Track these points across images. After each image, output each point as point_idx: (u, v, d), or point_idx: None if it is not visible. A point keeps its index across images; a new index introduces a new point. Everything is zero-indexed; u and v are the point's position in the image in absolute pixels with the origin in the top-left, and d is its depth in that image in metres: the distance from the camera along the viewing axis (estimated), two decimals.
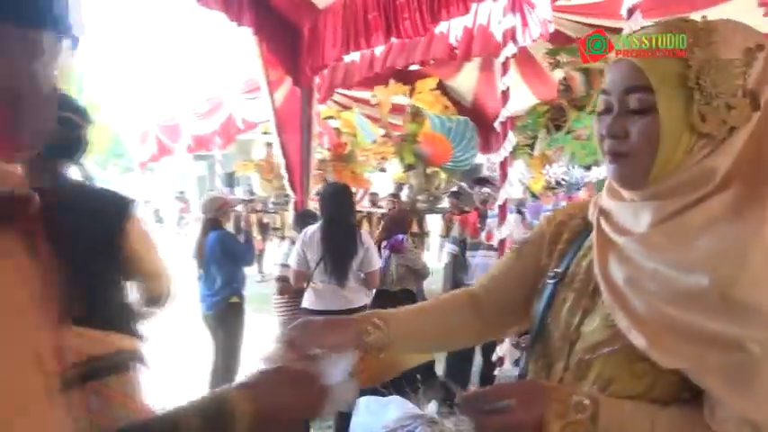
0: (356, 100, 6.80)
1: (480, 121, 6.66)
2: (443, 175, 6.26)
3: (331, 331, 0.96)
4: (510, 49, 3.41)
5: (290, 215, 5.00)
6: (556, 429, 0.78)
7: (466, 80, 6.40)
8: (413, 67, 4.82)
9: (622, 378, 0.82)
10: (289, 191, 4.72)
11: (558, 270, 0.96)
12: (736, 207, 0.78)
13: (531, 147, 5.37)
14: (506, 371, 3.42)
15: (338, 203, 3.44)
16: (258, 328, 4.40)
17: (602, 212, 0.92)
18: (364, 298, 3.48)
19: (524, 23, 3.44)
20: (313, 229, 3.47)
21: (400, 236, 3.81)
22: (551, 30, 3.53)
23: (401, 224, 3.93)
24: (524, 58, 5.17)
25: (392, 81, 5.72)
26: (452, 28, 3.94)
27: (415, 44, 4.02)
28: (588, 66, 4.88)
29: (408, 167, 6.15)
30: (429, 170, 6.19)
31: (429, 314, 1.10)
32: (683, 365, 0.77)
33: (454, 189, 6.33)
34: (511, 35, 3.40)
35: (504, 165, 3.53)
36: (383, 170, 7.32)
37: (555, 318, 0.93)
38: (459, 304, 1.10)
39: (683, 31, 0.79)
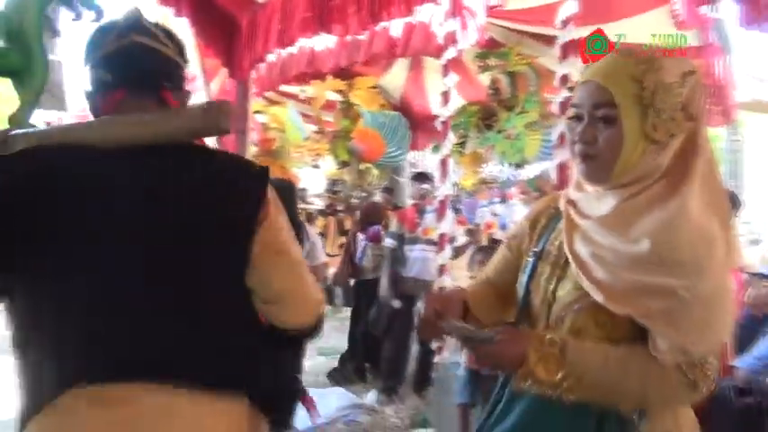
0: (285, 95, 6.81)
1: (408, 120, 6.88)
2: (376, 172, 6.41)
3: (452, 300, 1.28)
4: (451, 53, 3.59)
5: None
6: (533, 359, 1.06)
7: (394, 79, 6.56)
8: None
9: (588, 327, 1.10)
10: None
11: (537, 249, 1.22)
12: (668, 192, 1.05)
13: (462, 145, 5.62)
14: (445, 358, 3.62)
15: (282, 200, 3.49)
16: None
17: (570, 202, 1.19)
18: None
19: (464, 28, 3.64)
20: None
21: (376, 226, 3.93)
22: (486, 36, 3.75)
23: (376, 216, 4.05)
24: (452, 60, 5.42)
25: (329, 77, 5.80)
26: (393, 24, 4.04)
27: (357, 42, 4.12)
28: (514, 69, 5.14)
29: (342, 164, 6.25)
30: (362, 166, 6.34)
31: (481, 293, 1.37)
32: (632, 312, 1.04)
33: (386, 185, 6.52)
34: (451, 39, 3.59)
35: (444, 162, 3.70)
36: (316, 166, 7.39)
37: (535, 287, 1.20)
38: (486, 288, 1.37)
39: (638, 60, 1.06)
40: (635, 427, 1.07)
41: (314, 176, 7.76)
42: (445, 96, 3.74)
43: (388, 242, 4.39)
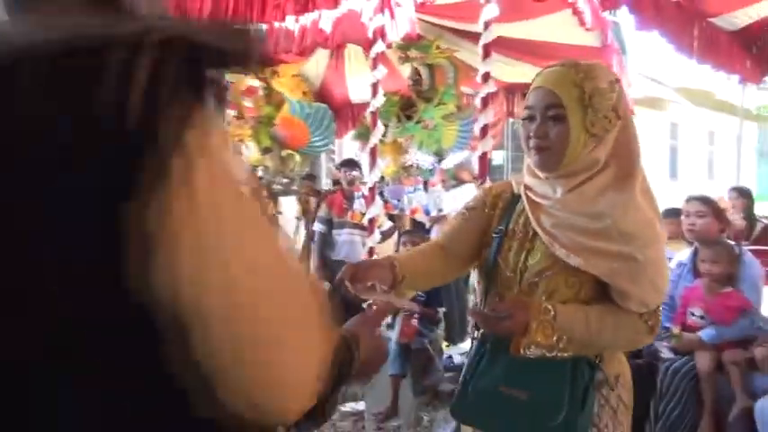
0: None
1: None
2: (298, 158, 6.54)
3: (375, 267, 1.39)
4: (380, 46, 3.83)
5: None
6: (534, 326, 1.29)
7: (315, 66, 6.68)
8: None
9: (560, 289, 1.36)
10: None
11: (501, 227, 1.46)
12: (616, 181, 1.34)
13: (383, 134, 5.87)
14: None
15: None
16: None
17: (527, 187, 1.45)
18: None
19: (393, 18, 3.88)
20: None
21: None
22: (417, 29, 4.00)
23: None
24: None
25: None
26: (324, 17, 4.19)
27: (290, 33, 4.24)
28: (433, 62, 5.39)
29: (265, 150, 6.33)
30: (284, 153, 6.44)
31: (420, 258, 1.53)
32: (601, 273, 1.32)
33: (308, 172, 6.65)
34: (380, 32, 3.82)
35: (373, 151, 3.93)
36: (238, 153, 7.40)
37: (504, 260, 1.43)
38: (435, 251, 1.55)
39: (577, 70, 1.33)
40: (599, 368, 1.36)
41: None
42: (374, 88, 3.97)
43: (318, 227, 4.59)
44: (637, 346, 1.52)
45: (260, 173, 6.22)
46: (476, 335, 1.47)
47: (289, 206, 7.89)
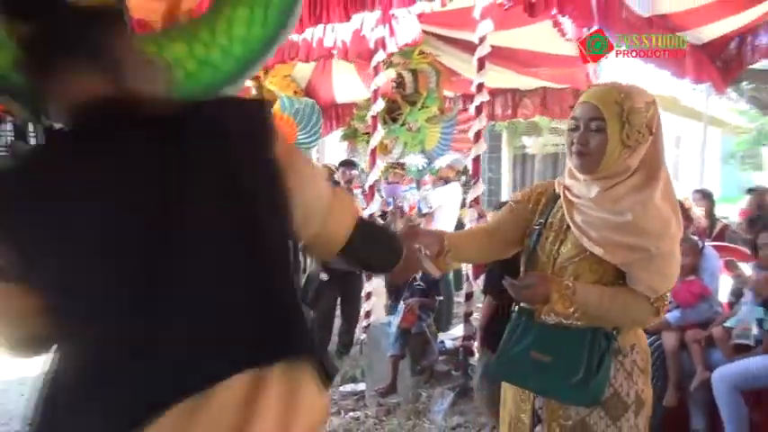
0: None
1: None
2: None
3: (427, 235, 1.78)
4: (380, 56, 4.23)
5: None
6: (555, 297, 1.61)
7: (302, 68, 6.91)
8: None
9: (585, 274, 1.65)
10: None
11: (542, 221, 1.77)
12: (640, 184, 1.61)
13: (369, 135, 6.19)
14: (378, 320, 4.30)
15: None
16: None
17: (566, 187, 1.74)
18: None
19: (392, 33, 4.27)
20: None
21: None
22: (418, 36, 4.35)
23: None
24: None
25: None
26: (329, 33, 4.53)
27: (293, 43, 4.57)
28: (416, 67, 5.70)
29: None
30: None
31: (467, 237, 1.94)
32: (619, 261, 1.60)
33: None
34: (381, 43, 4.21)
35: (373, 152, 4.31)
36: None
37: (541, 248, 1.74)
38: (481, 234, 1.93)
39: (619, 90, 1.60)
40: (614, 339, 1.63)
41: None
42: (375, 94, 4.35)
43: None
44: (644, 324, 1.73)
45: None
46: (514, 308, 1.80)
47: None
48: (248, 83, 6.82)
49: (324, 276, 4.77)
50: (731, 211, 8.76)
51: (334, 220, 1.12)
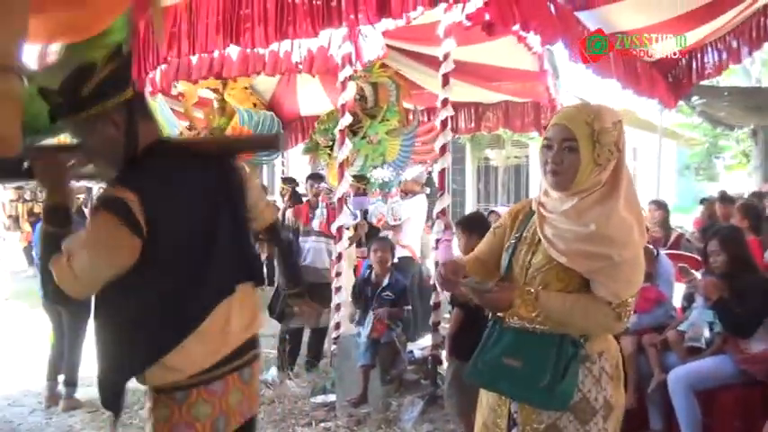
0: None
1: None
2: (247, 169, 6.89)
3: (459, 266, 1.91)
4: (347, 71, 4.37)
5: None
6: (518, 303, 1.72)
7: (266, 80, 6.89)
8: None
9: (552, 282, 1.76)
10: None
11: (518, 235, 1.89)
12: (603, 196, 1.72)
13: (331, 148, 6.26)
14: (347, 331, 4.41)
15: None
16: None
17: (540, 204, 1.84)
18: None
19: (357, 51, 4.42)
20: None
21: None
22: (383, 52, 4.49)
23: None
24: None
25: None
26: (296, 48, 4.63)
27: (259, 57, 4.66)
28: (376, 81, 5.75)
29: None
30: None
31: (472, 265, 2.00)
32: (583, 269, 1.71)
33: (260, 183, 7.03)
34: (348, 59, 4.36)
35: (341, 166, 4.44)
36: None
37: (516, 259, 1.86)
38: (475, 261, 2.02)
39: (589, 112, 1.72)
40: (581, 346, 1.71)
41: None
42: (342, 109, 4.48)
43: (284, 235, 5.07)
44: (608, 330, 1.79)
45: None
46: (489, 315, 1.91)
47: None
48: (207, 95, 6.86)
49: None
50: (686, 221, 9.17)
51: (265, 208, 2.07)
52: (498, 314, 1.83)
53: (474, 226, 3.37)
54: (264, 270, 8.44)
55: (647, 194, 9.91)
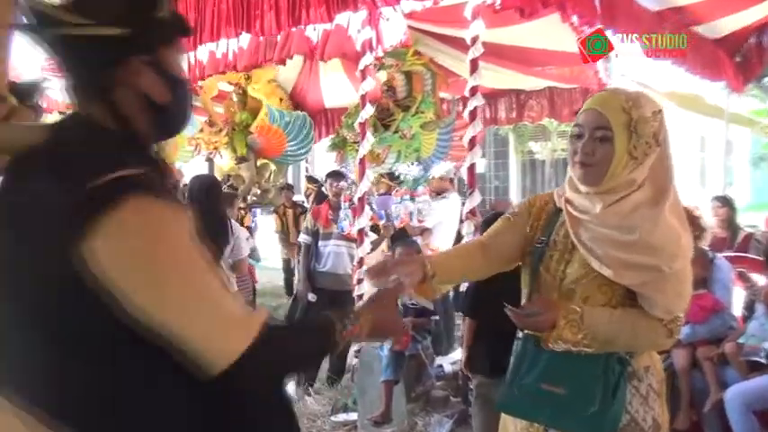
0: None
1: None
2: (273, 167, 6.96)
3: (403, 264, 1.80)
4: (368, 59, 4.36)
5: None
6: (562, 324, 1.64)
7: (287, 71, 6.79)
8: None
9: (594, 295, 1.68)
10: None
11: (544, 238, 1.79)
12: (649, 199, 1.65)
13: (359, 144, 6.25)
14: (370, 344, 4.39)
15: (208, 195, 4.10)
16: None
17: (567, 201, 1.76)
18: (233, 285, 4.20)
19: (378, 35, 4.41)
20: None
21: None
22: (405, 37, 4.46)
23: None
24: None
25: None
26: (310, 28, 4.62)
27: (271, 41, 4.69)
28: (409, 69, 5.67)
29: (240, 159, 6.72)
30: (259, 162, 6.86)
31: (455, 256, 1.99)
32: (630, 282, 1.64)
33: (285, 182, 7.08)
34: (368, 45, 4.35)
35: (362, 162, 4.43)
36: (209, 160, 7.75)
37: (545, 268, 1.77)
38: (475, 249, 1.94)
39: (627, 98, 1.65)
40: (629, 363, 1.67)
41: (205, 171, 8.10)
42: (363, 100, 4.47)
43: (304, 238, 5.10)
44: (657, 348, 1.77)
45: (233, 183, 6.61)
46: (519, 335, 1.83)
47: (264, 219, 8.32)
48: (226, 88, 6.92)
49: (312, 297, 4.89)
50: (762, 220, 8.85)
51: None
52: (539, 336, 1.76)
53: None
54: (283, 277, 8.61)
55: (716, 189, 9.62)
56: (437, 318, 4.37)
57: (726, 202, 5.61)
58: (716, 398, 3.20)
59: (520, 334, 1.83)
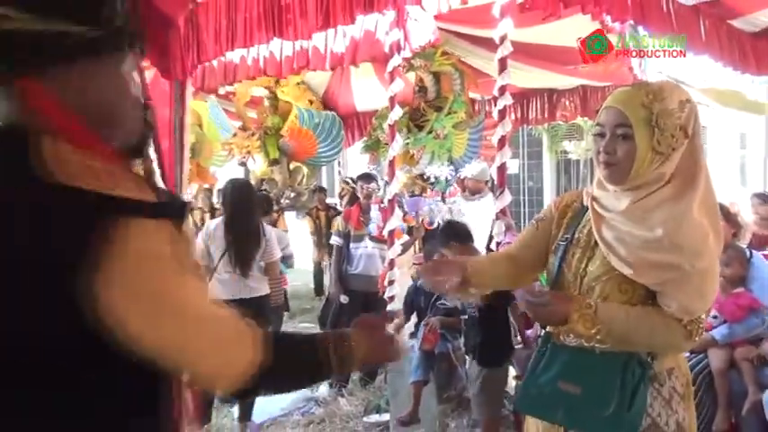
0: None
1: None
2: (306, 170, 7.02)
3: (450, 265, 1.83)
4: (396, 60, 4.35)
5: None
6: (575, 317, 1.60)
7: (319, 75, 6.81)
8: None
9: (614, 294, 1.64)
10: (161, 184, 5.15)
11: (567, 236, 1.77)
12: (675, 195, 1.60)
13: None
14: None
15: (241, 198, 4.15)
16: None
17: (594, 198, 1.74)
18: (266, 287, 4.23)
19: (406, 37, 4.40)
20: (216, 222, 4.15)
21: None
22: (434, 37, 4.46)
23: None
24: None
25: None
26: (339, 37, 4.68)
27: (302, 52, 4.73)
28: (438, 70, 5.67)
29: (273, 162, 6.80)
30: (292, 165, 6.93)
31: (489, 264, 1.98)
32: (650, 281, 1.59)
33: (318, 185, 7.12)
34: (397, 47, 4.34)
35: (392, 163, 4.42)
36: (243, 164, 7.86)
37: (567, 265, 1.74)
38: (503, 259, 1.96)
39: (647, 92, 1.60)
40: (650, 366, 1.63)
41: (240, 175, 8.21)
42: (392, 101, 4.46)
43: (335, 240, 5.12)
44: (675, 350, 1.71)
45: (266, 187, 6.67)
46: (539, 332, 1.86)
47: (294, 221, 8.37)
48: (260, 92, 7.01)
49: (344, 299, 4.90)
50: None
51: None
52: (550, 329, 1.76)
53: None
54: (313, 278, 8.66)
55: (757, 187, 9.40)
56: (466, 317, 4.32)
57: (766, 200, 5.47)
58: (754, 398, 3.12)
59: (540, 330, 1.81)
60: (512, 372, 3.79)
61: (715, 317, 3.35)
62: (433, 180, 5.21)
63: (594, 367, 1.64)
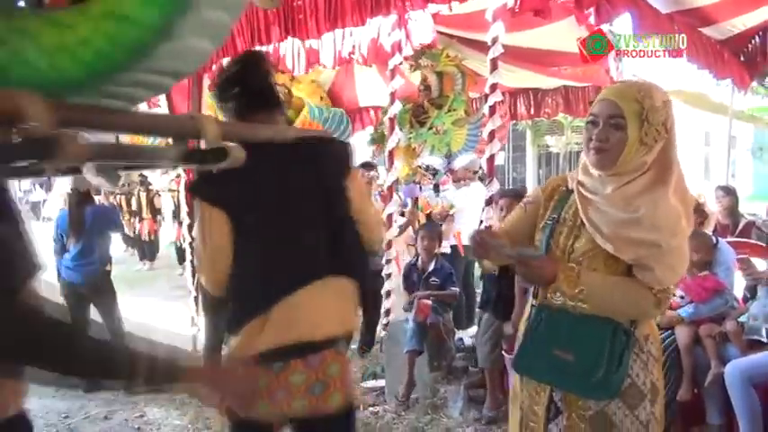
0: None
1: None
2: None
3: (495, 234, 1.91)
4: (397, 59, 4.31)
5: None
6: (561, 277, 1.67)
7: (324, 71, 6.78)
8: None
9: (599, 268, 1.69)
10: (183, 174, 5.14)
11: (554, 216, 1.81)
12: (653, 182, 1.65)
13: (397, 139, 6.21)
14: (397, 317, 4.38)
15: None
16: None
17: (579, 183, 1.76)
18: None
19: (408, 36, 4.36)
20: None
21: None
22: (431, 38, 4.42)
23: None
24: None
25: None
26: (347, 38, 4.64)
27: (314, 51, 4.69)
28: (442, 70, 5.64)
29: None
30: None
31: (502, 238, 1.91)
32: (630, 257, 1.64)
33: None
34: (397, 46, 4.30)
35: (391, 154, 4.39)
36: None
37: (555, 242, 1.77)
38: (503, 234, 1.93)
39: (639, 89, 1.65)
40: (632, 333, 1.68)
41: None
42: (392, 97, 4.43)
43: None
44: (645, 315, 1.73)
45: None
46: (534, 303, 1.83)
47: None
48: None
49: None
50: (764, 209, 8.60)
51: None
52: (540, 287, 1.79)
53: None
54: None
55: (721, 181, 9.37)
56: (456, 290, 4.30)
57: (729, 192, 5.43)
58: (716, 371, 3.10)
59: (534, 301, 1.84)
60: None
61: (682, 297, 3.33)
62: (433, 171, 5.16)
63: (585, 335, 1.68)
